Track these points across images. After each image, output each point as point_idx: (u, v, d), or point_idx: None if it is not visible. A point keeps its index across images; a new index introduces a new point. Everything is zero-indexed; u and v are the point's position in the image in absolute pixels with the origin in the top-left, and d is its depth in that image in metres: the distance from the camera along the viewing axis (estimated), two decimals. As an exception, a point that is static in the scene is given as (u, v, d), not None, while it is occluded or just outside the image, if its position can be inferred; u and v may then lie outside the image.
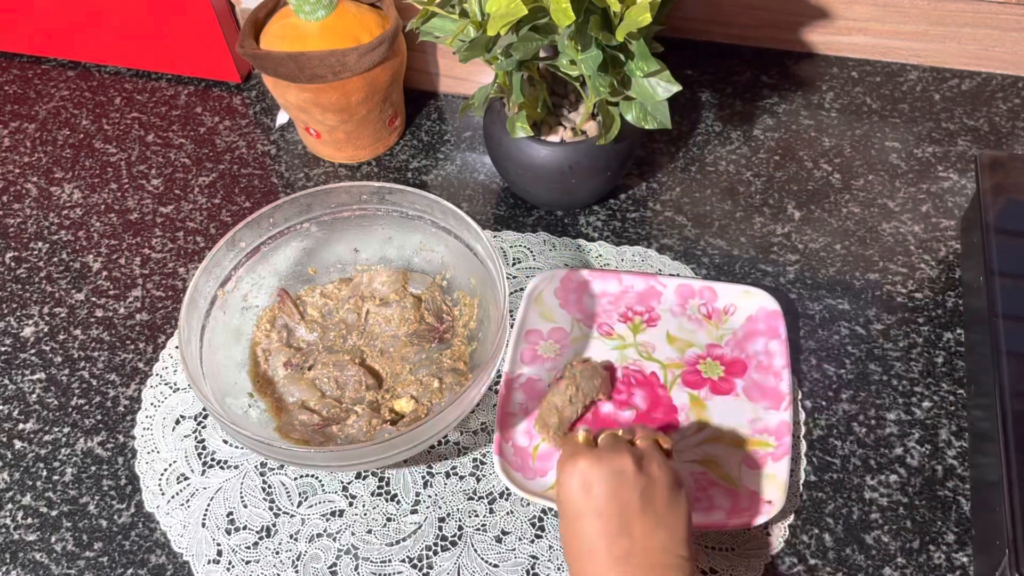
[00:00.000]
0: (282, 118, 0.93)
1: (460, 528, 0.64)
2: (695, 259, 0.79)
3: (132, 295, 0.80)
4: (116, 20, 0.95)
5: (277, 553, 0.64)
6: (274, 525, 0.65)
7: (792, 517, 0.63)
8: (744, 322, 0.72)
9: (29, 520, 0.66)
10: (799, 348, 0.72)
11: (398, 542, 0.64)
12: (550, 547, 0.63)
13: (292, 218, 0.72)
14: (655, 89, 0.68)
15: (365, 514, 0.65)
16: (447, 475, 0.67)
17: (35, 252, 0.84)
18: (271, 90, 0.84)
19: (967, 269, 0.74)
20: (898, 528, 0.63)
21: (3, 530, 0.66)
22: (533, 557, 0.62)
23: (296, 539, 0.64)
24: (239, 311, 0.71)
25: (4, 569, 0.64)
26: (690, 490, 0.53)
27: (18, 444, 0.71)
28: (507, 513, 0.65)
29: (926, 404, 0.69)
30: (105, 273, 0.82)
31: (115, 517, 0.66)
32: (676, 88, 0.67)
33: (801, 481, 0.65)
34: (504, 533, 0.64)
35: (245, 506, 0.66)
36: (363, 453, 0.59)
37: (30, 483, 0.68)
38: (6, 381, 0.74)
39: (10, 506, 0.67)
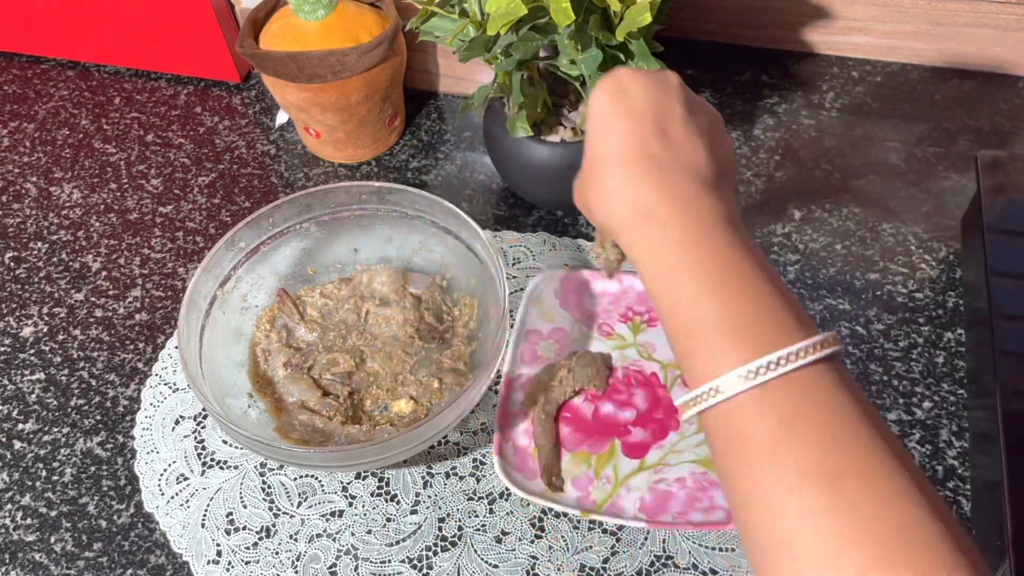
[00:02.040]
0: (282, 118, 0.93)
1: (460, 528, 0.64)
2: (695, 259, 0.78)
3: (132, 295, 0.80)
4: (116, 20, 0.95)
5: (277, 553, 0.64)
6: (274, 525, 0.65)
7: (792, 517, 0.63)
8: (744, 322, 0.72)
9: (29, 520, 0.66)
10: (799, 348, 0.72)
11: (398, 542, 0.64)
12: (550, 547, 0.63)
13: (292, 218, 0.72)
14: (655, 89, 0.68)
15: (365, 514, 0.65)
16: (447, 475, 0.67)
17: (35, 252, 0.84)
18: (271, 90, 0.84)
19: (967, 269, 0.74)
20: (898, 528, 0.63)
21: (3, 530, 0.66)
22: (533, 557, 0.62)
23: (296, 539, 0.64)
24: (239, 311, 0.71)
25: (4, 569, 0.64)
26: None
27: (18, 444, 0.71)
28: (507, 513, 0.65)
29: (926, 404, 0.69)
30: (105, 273, 0.81)
31: (115, 517, 0.66)
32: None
33: (801, 481, 0.65)
34: (504, 533, 0.64)
35: (245, 506, 0.66)
36: (363, 453, 0.59)
37: (29, 483, 0.68)
38: (5, 381, 0.74)
39: (10, 506, 0.67)
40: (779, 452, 0.37)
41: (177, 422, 0.71)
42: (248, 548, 0.64)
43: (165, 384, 0.73)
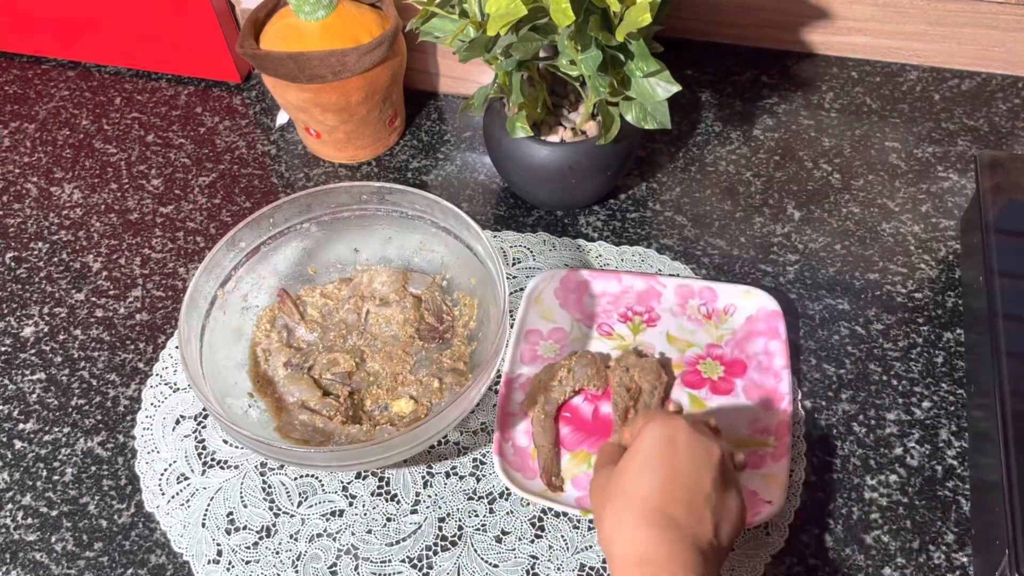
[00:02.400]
0: (282, 118, 0.93)
1: (460, 528, 0.64)
2: (695, 259, 0.79)
3: (132, 295, 0.80)
4: (116, 20, 0.95)
5: (277, 553, 0.64)
6: (274, 525, 0.65)
7: (792, 517, 0.63)
8: (744, 322, 0.72)
9: (29, 520, 0.66)
10: (799, 348, 0.72)
11: (398, 542, 0.64)
12: (550, 547, 0.63)
13: (292, 218, 0.72)
14: (655, 89, 0.68)
15: (365, 514, 0.65)
16: (447, 475, 0.67)
17: (35, 252, 0.84)
18: (271, 90, 0.84)
19: (967, 269, 0.74)
20: (898, 528, 0.63)
21: (3, 530, 0.66)
22: (533, 557, 0.62)
23: (296, 539, 0.64)
24: (239, 311, 0.71)
25: (4, 569, 0.64)
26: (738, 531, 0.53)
27: (18, 444, 0.71)
28: (507, 513, 0.65)
29: (926, 404, 0.69)
30: (105, 273, 0.82)
31: (115, 517, 0.66)
32: (676, 88, 0.67)
33: (801, 481, 0.65)
34: (504, 533, 0.64)
35: (245, 506, 0.66)
36: (363, 453, 0.60)
37: (30, 483, 0.68)
38: (6, 381, 0.74)
39: (10, 506, 0.67)
40: None
41: (178, 422, 0.71)
42: (248, 548, 0.64)
43: (166, 384, 0.73)
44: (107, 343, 0.76)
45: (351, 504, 0.66)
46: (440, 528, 0.64)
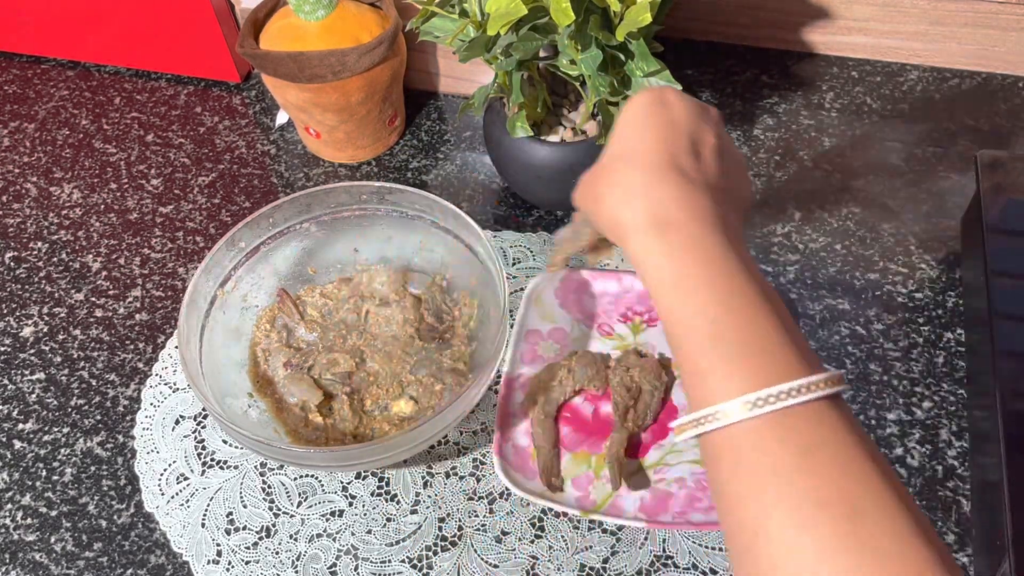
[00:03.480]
0: (282, 118, 0.93)
1: (460, 528, 0.64)
2: (695, 259, 0.78)
3: (132, 295, 0.80)
4: (116, 20, 0.95)
5: (277, 553, 0.64)
6: (274, 525, 0.65)
7: (792, 517, 0.63)
8: (744, 322, 0.72)
9: (29, 520, 0.66)
10: (799, 348, 0.72)
11: (398, 542, 0.64)
12: (550, 547, 0.63)
13: (292, 218, 0.72)
14: (655, 89, 0.68)
15: (365, 514, 0.65)
16: (447, 475, 0.67)
17: (35, 252, 0.84)
18: (271, 90, 0.84)
19: (967, 269, 0.74)
20: (898, 528, 0.63)
21: (3, 530, 0.66)
22: (533, 557, 0.62)
23: (296, 539, 0.64)
24: (239, 311, 0.71)
25: (4, 569, 0.64)
26: None
27: (18, 444, 0.71)
28: (507, 513, 0.65)
29: (926, 404, 0.69)
30: (105, 273, 0.82)
31: (115, 517, 0.66)
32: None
33: (801, 481, 0.65)
34: (504, 533, 0.64)
35: (245, 506, 0.66)
36: (363, 453, 0.59)
37: (30, 483, 0.68)
38: (6, 381, 0.74)
39: (10, 506, 0.67)
40: (796, 481, 0.35)
41: (177, 422, 0.71)
42: (248, 548, 0.64)
43: (165, 384, 0.73)
44: (107, 343, 0.76)
45: (351, 504, 0.66)
46: (440, 528, 0.64)
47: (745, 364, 0.38)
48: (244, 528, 0.65)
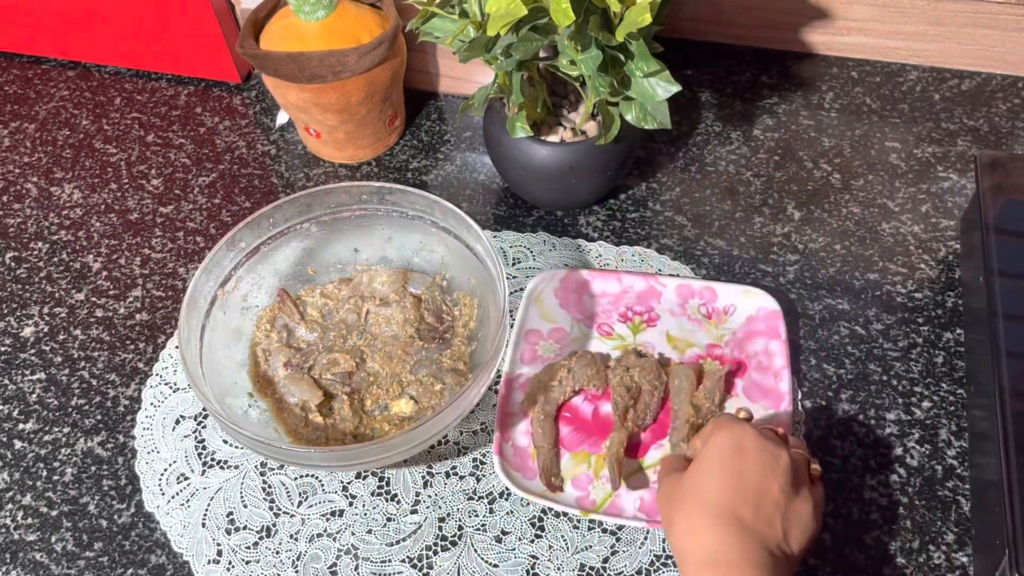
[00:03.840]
0: (282, 118, 0.93)
1: (460, 528, 0.64)
2: (695, 259, 0.79)
3: (132, 295, 0.80)
4: (116, 20, 0.95)
5: (277, 553, 0.64)
6: (274, 525, 0.65)
7: (792, 517, 0.63)
8: (744, 322, 0.72)
9: (29, 520, 0.66)
10: (799, 348, 0.72)
11: (398, 542, 0.64)
12: (550, 547, 0.63)
13: (292, 218, 0.72)
14: (655, 89, 0.68)
15: (365, 514, 0.65)
16: (447, 475, 0.67)
17: (35, 252, 0.84)
18: (271, 90, 0.84)
19: (967, 269, 0.74)
20: (898, 528, 0.63)
21: (3, 530, 0.66)
22: (533, 557, 0.62)
23: (296, 539, 0.64)
24: (239, 311, 0.71)
25: (4, 569, 0.64)
26: (815, 534, 0.54)
27: (18, 444, 0.71)
28: (507, 513, 0.65)
29: (926, 404, 0.69)
30: (105, 273, 0.82)
31: (115, 517, 0.66)
32: (676, 88, 0.67)
33: (801, 481, 0.65)
34: (504, 533, 0.64)
35: (245, 506, 0.66)
36: (363, 453, 0.60)
37: (30, 483, 0.68)
38: (6, 381, 0.74)
39: (10, 506, 0.67)
40: None
41: (177, 422, 0.71)
42: (248, 548, 0.64)
43: (166, 384, 0.73)
44: (107, 343, 0.76)
45: (351, 504, 0.66)
46: (440, 528, 0.64)
47: None
48: (244, 528, 0.65)
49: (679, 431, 0.65)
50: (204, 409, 0.70)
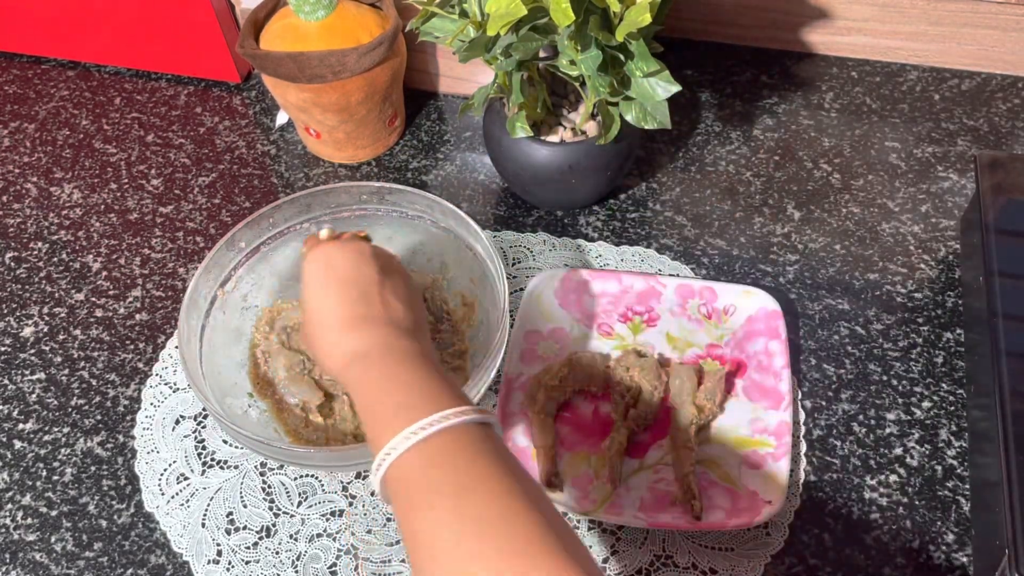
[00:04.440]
0: (282, 118, 0.93)
1: (460, 528, 0.64)
2: (695, 259, 0.79)
3: (132, 295, 0.80)
4: (116, 20, 0.95)
5: (277, 553, 0.64)
6: (274, 525, 0.65)
7: (792, 517, 0.63)
8: (744, 322, 0.72)
9: (29, 520, 0.66)
10: (799, 348, 0.72)
11: (398, 542, 0.64)
12: (550, 547, 0.63)
13: (292, 218, 0.72)
14: (655, 89, 0.68)
15: (365, 514, 0.65)
16: (447, 475, 0.67)
17: (35, 252, 0.84)
18: (271, 90, 0.84)
19: (967, 269, 0.74)
20: (898, 528, 0.63)
21: (3, 530, 0.66)
22: (533, 557, 0.62)
23: (296, 539, 0.64)
24: (239, 311, 0.71)
25: (4, 569, 0.64)
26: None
27: (18, 444, 0.71)
28: (507, 513, 0.64)
29: (926, 404, 0.69)
30: (105, 273, 0.82)
31: (115, 517, 0.66)
32: (676, 88, 0.67)
33: (801, 481, 0.65)
34: (504, 533, 0.64)
35: (245, 506, 0.66)
36: (363, 453, 0.60)
37: (30, 483, 0.68)
38: (6, 381, 0.74)
39: (10, 506, 0.67)
40: (429, 482, 0.45)
41: (177, 422, 0.71)
42: (248, 548, 0.64)
43: (165, 384, 0.73)
44: (107, 343, 0.76)
45: (351, 504, 0.66)
46: (440, 528, 0.64)
47: (407, 413, 0.47)
48: (244, 528, 0.65)
49: (682, 432, 0.65)
50: (204, 409, 0.70)
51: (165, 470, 0.68)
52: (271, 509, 0.66)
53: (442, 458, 0.46)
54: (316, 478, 0.67)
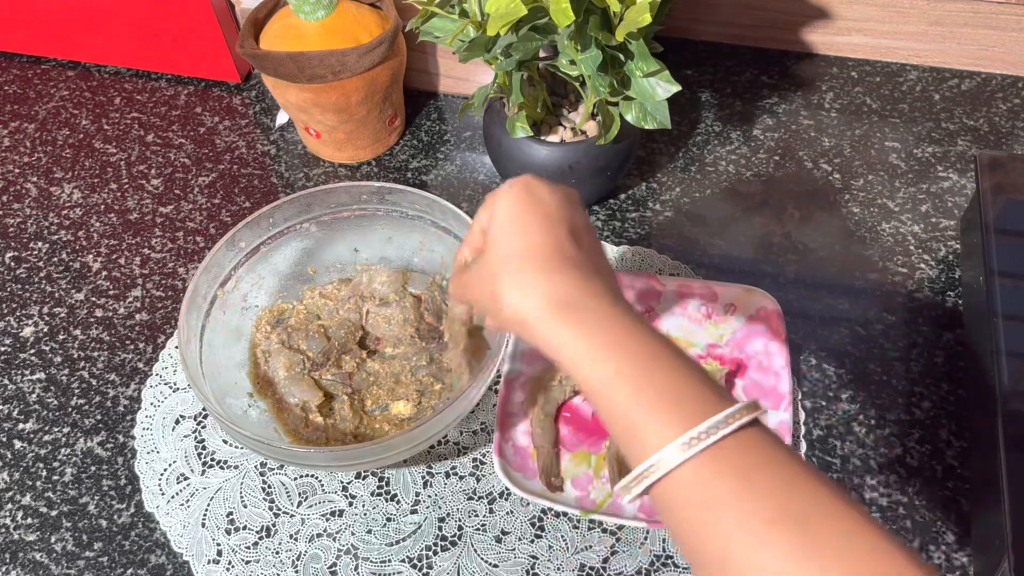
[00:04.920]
0: (282, 118, 0.93)
1: (460, 528, 0.64)
2: (695, 259, 0.79)
3: (132, 295, 0.80)
4: (116, 20, 0.95)
5: (277, 553, 0.64)
6: (274, 525, 0.65)
7: (792, 517, 0.63)
8: (744, 322, 0.72)
9: (29, 520, 0.66)
10: (799, 348, 0.72)
11: (398, 542, 0.64)
12: (550, 547, 0.63)
13: (292, 218, 0.72)
14: (655, 89, 0.68)
15: (365, 514, 0.65)
16: (447, 475, 0.67)
17: (35, 252, 0.84)
18: (271, 90, 0.84)
19: (967, 269, 0.74)
20: (898, 528, 0.63)
21: (3, 530, 0.66)
22: (533, 557, 0.62)
23: (296, 539, 0.64)
24: (239, 311, 0.71)
25: (4, 569, 0.64)
26: None
27: (18, 444, 0.71)
28: (507, 513, 0.65)
29: (926, 404, 0.69)
30: (105, 273, 0.82)
31: (115, 517, 0.66)
32: (676, 88, 0.67)
33: (801, 481, 0.65)
34: (504, 533, 0.64)
35: (245, 506, 0.66)
36: (363, 453, 0.60)
37: (30, 483, 0.68)
38: (6, 381, 0.74)
39: (10, 506, 0.67)
40: (743, 506, 0.37)
41: (177, 422, 0.71)
42: (248, 548, 0.64)
43: (165, 384, 0.73)
44: (107, 343, 0.76)
45: (351, 504, 0.66)
46: (440, 528, 0.64)
47: (670, 410, 0.40)
48: (244, 528, 0.65)
49: None
50: (204, 409, 0.70)
51: (165, 470, 0.68)
52: (271, 509, 0.66)
53: (748, 465, 0.39)
54: (316, 478, 0.67)
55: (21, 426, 0.72)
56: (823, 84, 0.92)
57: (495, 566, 0.62)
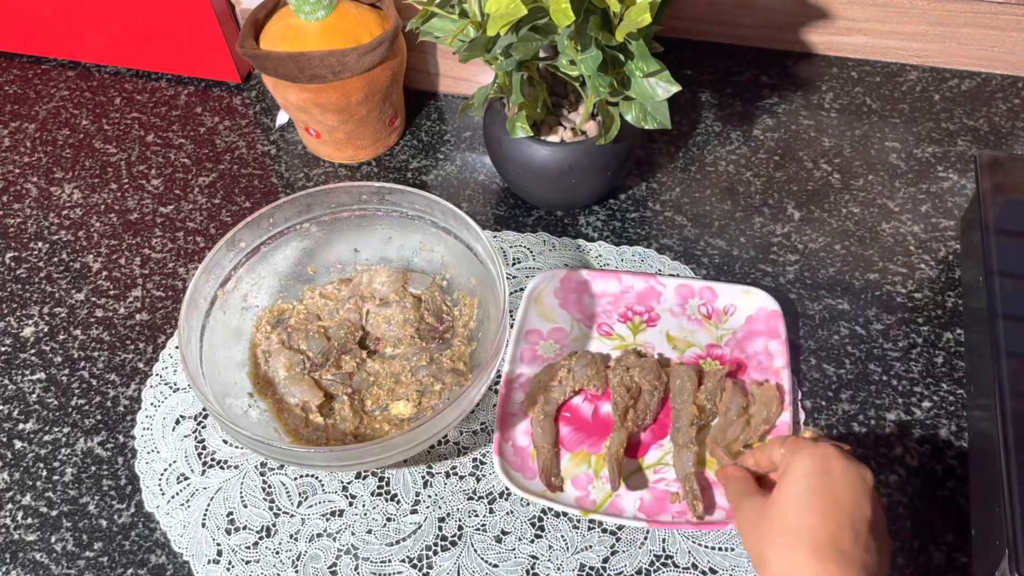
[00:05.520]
0: (282, 118, 0.93)
1: (460, 528, 0.64)
2: (695, 259, 0.79)
3: (132, 295, 0.80)
4: (116, 20, 0.95)
5: (277, 553, 0.64)
6: (274, 525, 0.65)
7: (792, 517, 0.63)
8: (744, 322, 0.72)
9: (29, 520, 0.66)
10: (799, 348, 0.72)
11: (398, 542, 0.64)
12: (550, 547, 0.63)
13: (292, 218, 0.72)
14: (655, 89, 0.68)
15: (365, 514, 0.65)
16: (447, 475, 0.67)
17: (35, 252, 0.84)
18: (271, 90, 0.84)
19: (967, 269, 0.74)
20: (898, 528, 0.63)
21: (3, 530, 0.66)
22: (533, 557, 0.62)
23: (296, 539, 0.64)
24: (239, 311, 0.71)
25: (4, 569, 0.64)
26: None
27: (18, 444, 0.71)
28: (507, 513, 0.65)
29: (926, 404, 0.69)
30: (105, 273, 0.82)
31: (115, 517, 0.66)
32: (676, 88, 0.67)
33: (801, 481, 0.65)
34: (504, 533, 0.64)
35: (245, 506, 0.66)
36: (363, 453, 0.60)
37: (30, 483, 0.68)
38: (6, 381, 0.74)
39: (10, 506, 0.67)
40: None
41: (177, 422, 0.71)
42: (248, 548, 0.64)
43: (165, 384, 0.73)
44: (107, 343, 0.76)
45: (351, 504, 0.66)
46: (440, 528, 0.64)
47: None
48: (244, 528, 0.65)
49: (683, 432, 0.65)
50: (204, 409, 0.70)
51: (165, 470, 0.68)
52: (271, 509, 0.66)
53: None
54: (316, 478, 0.67)
55: (21, 426, 0.72)
56: (823, 84, 0.92)
57: (495, 566, 0.62)
